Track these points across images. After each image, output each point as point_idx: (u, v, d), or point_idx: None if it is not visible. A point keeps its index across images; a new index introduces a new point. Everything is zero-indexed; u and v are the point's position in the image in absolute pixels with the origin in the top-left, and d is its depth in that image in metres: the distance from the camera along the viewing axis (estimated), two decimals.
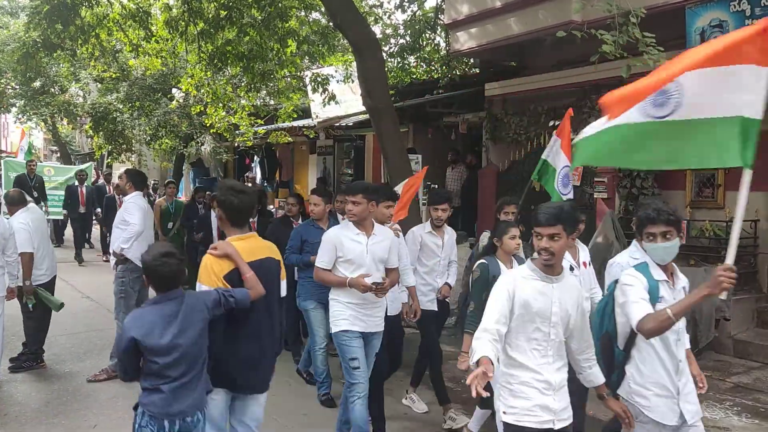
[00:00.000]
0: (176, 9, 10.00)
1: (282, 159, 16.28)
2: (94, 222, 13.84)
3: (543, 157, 5.15)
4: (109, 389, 5.54)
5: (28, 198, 6.17)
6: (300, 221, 6.34)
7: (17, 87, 18.75)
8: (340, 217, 6.08)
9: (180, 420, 2.86)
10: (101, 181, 16.03)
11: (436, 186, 10.50)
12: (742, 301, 6.67)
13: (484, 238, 4.74)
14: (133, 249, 5.71)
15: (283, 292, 3.41)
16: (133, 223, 5.71)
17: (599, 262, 6.93)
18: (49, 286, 5.93)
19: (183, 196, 16.40)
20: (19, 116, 20.47)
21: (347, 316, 4.07)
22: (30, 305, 5.68)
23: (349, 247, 4.03)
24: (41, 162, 18.53)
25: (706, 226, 6.93)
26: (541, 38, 7.39)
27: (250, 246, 3.21)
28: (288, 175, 16.27)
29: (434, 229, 5.13)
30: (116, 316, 5.87)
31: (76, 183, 13.09)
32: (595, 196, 7.68)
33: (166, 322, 2.84)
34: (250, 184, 13.62)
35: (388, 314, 4.44)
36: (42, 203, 11.57)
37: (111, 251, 5.99)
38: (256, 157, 16.83)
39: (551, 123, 8.34)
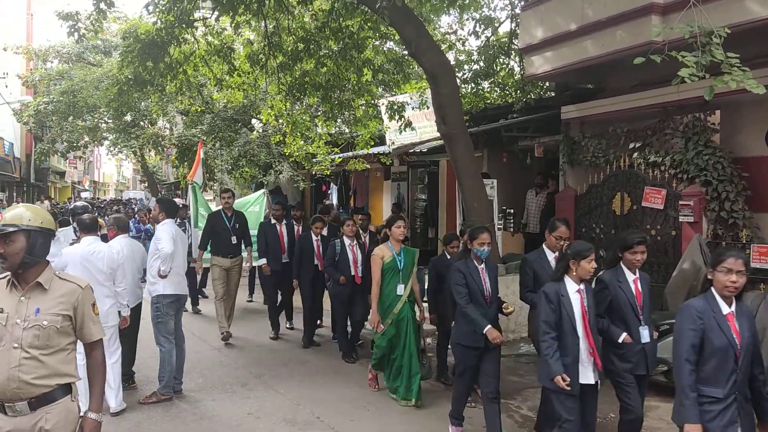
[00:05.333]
0: (257, 44, 10.45)
1: (357, 185, 16.53)
2: None
3: None
4: (198, 410, 5.75)
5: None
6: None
7: (109, 121, 19.92)
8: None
9: None
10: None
11: (513, 211, 10.40)
12: None
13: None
14: (166, 279, 6.05)
15: None
16: (162, 247, 6.03)
17: (686, 288, 6.69)
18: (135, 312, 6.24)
19: None
20: (111, 149, 21.76)
21: None
22: None
23: None
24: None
25: None
26: (620, 59, 7.25)
27: None
28: (363, 201, 16.49)
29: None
30: (157, 341, 6.11)
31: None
32: (680, 220, 7.39)
33: None
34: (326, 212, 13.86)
35: None
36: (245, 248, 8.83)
37: (148, 279, 6.25)
38: (332, 184, 17.18)
39: (632, 145, 8.13)
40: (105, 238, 6.26)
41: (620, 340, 4.21)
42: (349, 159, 14.20)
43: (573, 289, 4.09)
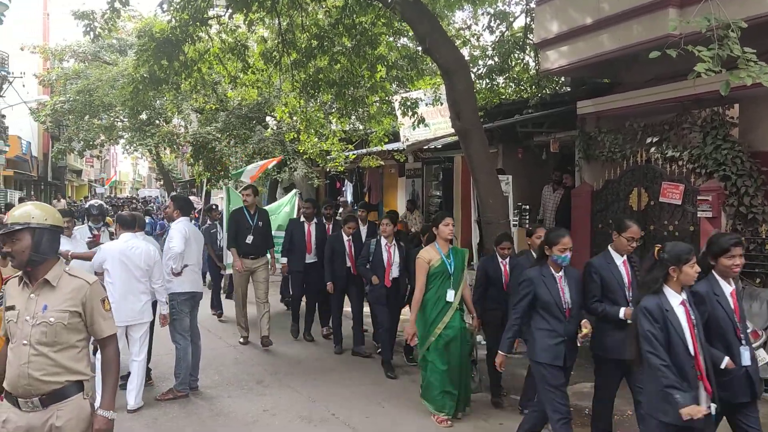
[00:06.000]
0: (271, 41, 10.46)
1: (371, 182, 16.53)
2: None
3: None
4: (215, 407, 5.78)
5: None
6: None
7: (125, 120, 20.07)
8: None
9: None
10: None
11: (528, 207, 10.33)
12: None
13: None
14: (181, 276, 6.09)
15: None
16: (172, 246, 6.05)
17: None
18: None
19: None
20: (127, 147, 21.94)
21: None
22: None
23: None
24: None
25: None
26: (636, 53, 7.17)
27: None
28: (377, 198, 16.48)
29: None
30: (173, 339, 6.15)
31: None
32: (699, 216, 7.30)
33: None
34: (341, 208, 13.86)
35: None
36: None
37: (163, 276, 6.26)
38: (347, 181, 17.20)
39: (649, 140, 8.04)
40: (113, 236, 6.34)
41: (723, 366, 3.62)
42: (363, 156, 14.19)
43: (676, 301, 3.51)
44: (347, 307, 7.91)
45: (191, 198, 19.23)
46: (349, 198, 16.85)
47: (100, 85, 18.20)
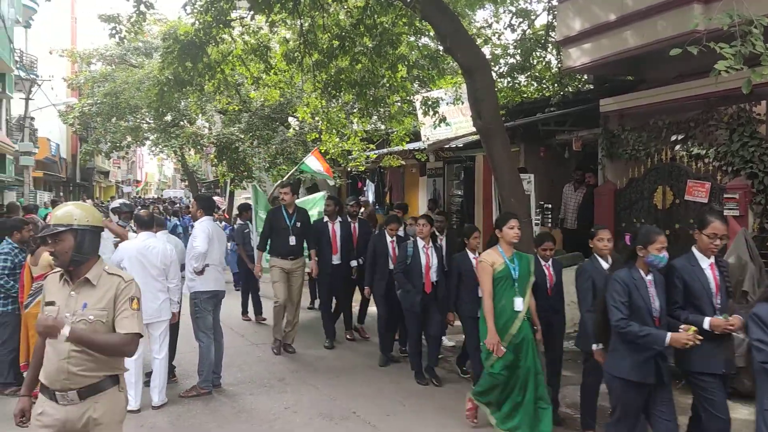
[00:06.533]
0: (293, 42, 10.52)
1: (392, 182, 16.54)
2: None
3: None
4: (237, 404, 5.84)
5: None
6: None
7: (151, 121, 20.34)
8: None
9: None
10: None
11: (550, 206, 10.26)
12: None
13: None
14: (204, 275, 6.15)
15: None
16: (195, 245, 6.10)
17: (732, 283, 6.48)
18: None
19: None
20: (153, 149, 22.23)
21: None
22: None
23: None
24: None
25: None
26: (661, 50, 7.07)
27: None
28: (398, 197, 16.48)
29: None
30: (196, 337, 6.22)
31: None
32: (725, 214, 7.17)
33: None
34: (362, 208, 13.89)
35: None
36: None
37: (186, 275, 6.34)
38: (368, 181, 17.23)
39: (674, 137, 7.93)
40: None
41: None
42: (384, 155, 14.21)
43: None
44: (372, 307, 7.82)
45: (215, 198, 19.40)
46: (371, 197, 16.87)
47: (126, 87, 18.46)
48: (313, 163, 10.60)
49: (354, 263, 8.26)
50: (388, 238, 7.44)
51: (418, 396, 6.08)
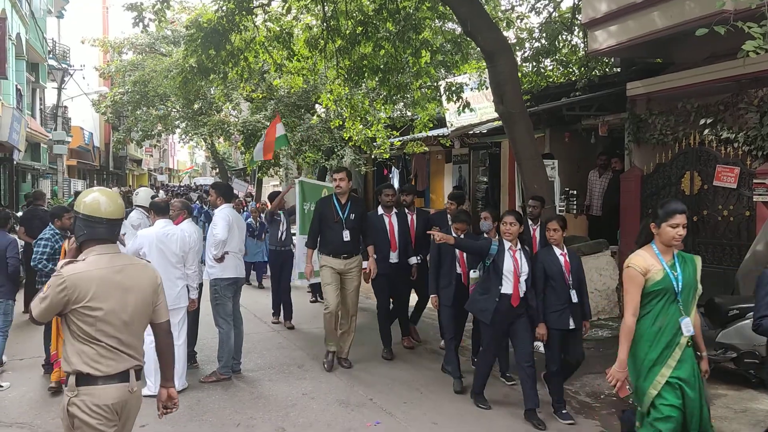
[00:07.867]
0: (316, 28, 10.49)
1: (418, 168, 16.47)
2: None
3: None
4: (255, 390, 5.90)
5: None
6: None
7: (180, 110, 20.57)
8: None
9: None
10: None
11: (575, 192, 10.10)
12: None
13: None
14: (224, 263, 6.17)
15: None
16: (215, 233, 6.10)
17: (759, 273, 6.30)
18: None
19: None
20: (183, 137, 22.51)
21: None
22: None
23: None
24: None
25: None
26: (689, 31, 6.86)
27: None
28: (423, 184, 16.41)
29: None
30: (216, 323, 6.26)
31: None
32: (755, 200, 6.97)
33: None
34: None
35: None
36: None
37: (206, 262, 6.36)
38: (393, 168, 17.18)
39: (702, 121, 7.72)
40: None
41: None
42: (409, 142, 14.13)
43: None
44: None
45: (245, 184, 19.50)
46: (397, 185, 16.82)
47: (154, 75, 18.69)
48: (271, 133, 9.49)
49: (413, 260, 7.11)
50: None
51: (437, 383, 6.05)
